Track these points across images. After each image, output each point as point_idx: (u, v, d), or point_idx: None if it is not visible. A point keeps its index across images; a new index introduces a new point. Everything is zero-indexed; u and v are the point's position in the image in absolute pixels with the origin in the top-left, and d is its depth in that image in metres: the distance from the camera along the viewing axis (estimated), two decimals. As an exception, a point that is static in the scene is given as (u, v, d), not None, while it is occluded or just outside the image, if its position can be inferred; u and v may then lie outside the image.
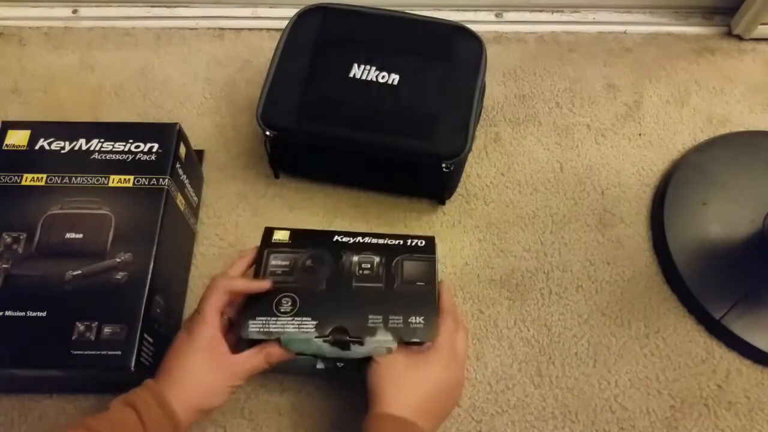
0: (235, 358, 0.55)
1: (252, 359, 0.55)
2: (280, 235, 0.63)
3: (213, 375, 0.53)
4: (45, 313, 0.56)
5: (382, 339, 0.56)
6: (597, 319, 0.69)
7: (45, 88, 0.84)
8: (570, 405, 0.65)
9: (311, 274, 0.60)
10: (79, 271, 0.58)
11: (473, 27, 0.71)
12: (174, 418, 0.50)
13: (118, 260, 0.59)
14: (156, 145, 0.65)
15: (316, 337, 0.56)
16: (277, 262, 0.61)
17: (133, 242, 0.60)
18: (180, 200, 0.66)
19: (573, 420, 0.64)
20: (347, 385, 0.64)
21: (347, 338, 0.56)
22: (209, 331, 0.54)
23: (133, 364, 0.55)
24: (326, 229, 0.65)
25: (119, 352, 0.55)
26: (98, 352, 0.55)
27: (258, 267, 0.60)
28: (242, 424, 0.63)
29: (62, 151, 0.64)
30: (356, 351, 0.56)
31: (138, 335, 0.56)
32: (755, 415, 0.64)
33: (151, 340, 0.58)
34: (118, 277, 0.58)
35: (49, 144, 0.65)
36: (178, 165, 0.66)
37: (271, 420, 0.63)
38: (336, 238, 0.63)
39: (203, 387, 0.53)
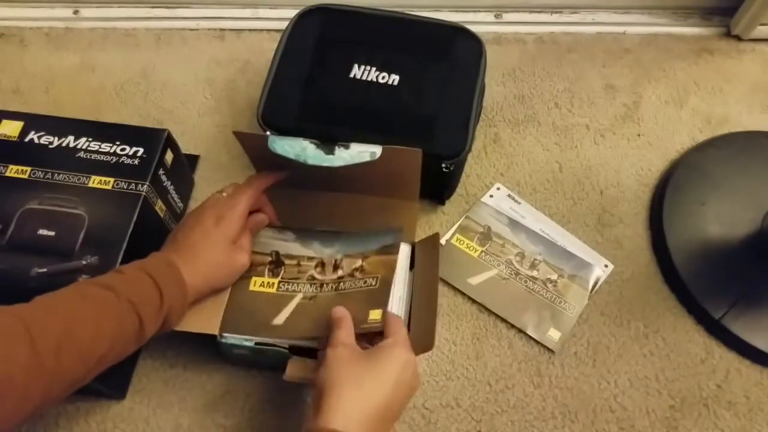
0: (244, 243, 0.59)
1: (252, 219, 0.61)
2: None
3: (227, 267, 0.57)
4: None
5: (368, 146, 0.58)
6: (596, 318, 0.70)
7: (46, 88, 0.85)
8: (569, 405, 0.65)
9: None
10: (44, 269, 0.57)
11: (473, 28, 0.71)
12: (185, 288, 0.52)
13: (84, 263, 0.57)
14: (141, 150, 0.64)
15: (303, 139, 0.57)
16: None
17: (102, 246, 0.58)
18: (160, 207, 0.65)
19: (572, 420, 0.64)
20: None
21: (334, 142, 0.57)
22: (238, 225, 0.57)
23: None
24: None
25: None
26: None
27: None
28: (242, 424, 0.63)
29: (50, 146, 0.64)
30: (340, 156, 0.57)
31: None
32: (755, 415, 0.64)
33: None
34: (80, 280, 0.56)
35: (39, 137, 0.64)
36: (161, 171, 0.65)
37: (271, 420, 0.63)
38: None
39: (216, 270, 0.56)
